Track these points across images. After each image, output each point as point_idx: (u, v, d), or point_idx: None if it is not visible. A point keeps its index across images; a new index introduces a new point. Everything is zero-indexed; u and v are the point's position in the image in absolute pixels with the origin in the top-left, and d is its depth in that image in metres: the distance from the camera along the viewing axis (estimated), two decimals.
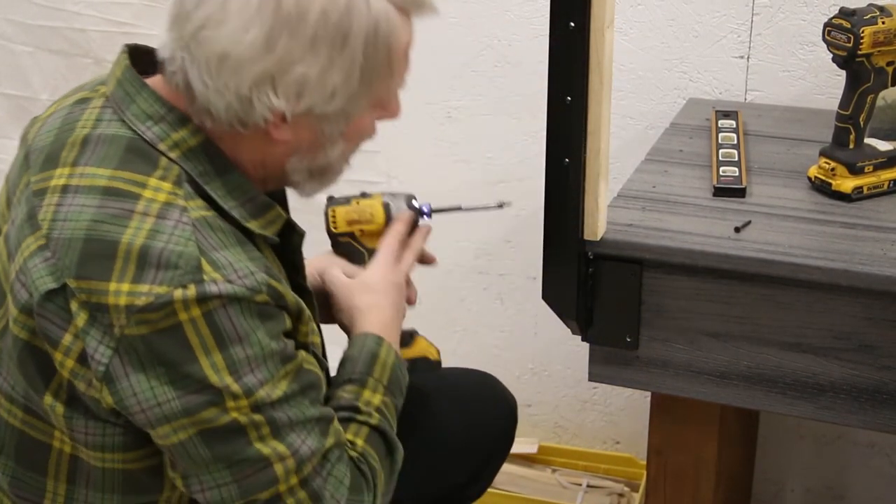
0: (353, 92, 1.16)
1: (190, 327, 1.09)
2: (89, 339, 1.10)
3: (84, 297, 1.10)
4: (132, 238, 1.10)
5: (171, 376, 1.10)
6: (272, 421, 1.15)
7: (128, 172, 1.14)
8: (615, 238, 1.43)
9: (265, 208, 1.22)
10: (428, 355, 1.52)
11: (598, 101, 1.34)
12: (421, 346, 1.52)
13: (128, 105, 1.18)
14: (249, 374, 1.13)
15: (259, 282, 1.13)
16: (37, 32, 2.31)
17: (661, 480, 1.63)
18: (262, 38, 1.10)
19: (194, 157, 1.17)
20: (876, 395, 1.39)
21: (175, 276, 1.09)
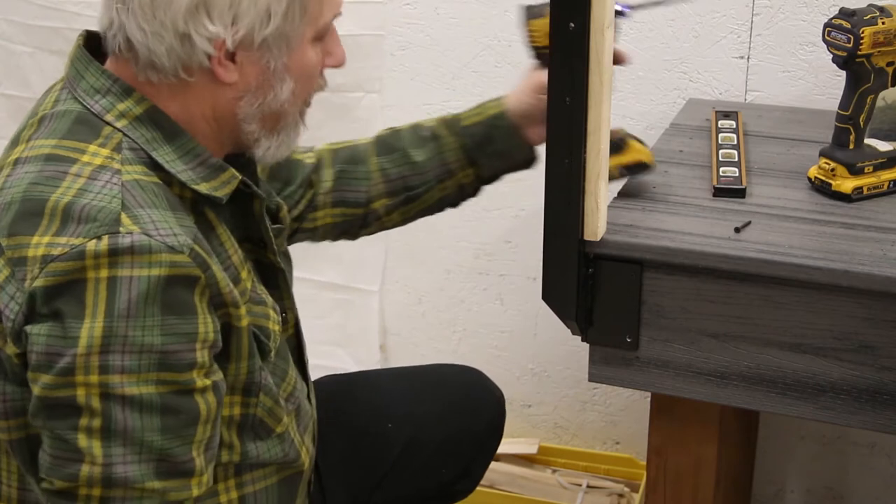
0: (285, 10, 1.16)
1: (91, 286, 1.08)
2: (3, 294, 1.11)
3: (10, 254, 1.11)
4: (60, 196, 1.12)
5: (52, 330, 1.09)
6: (108, 418, 1.10)
7: (71, 141, 1.17)
8: (615, 238, 1.43)
9: (218, 170, 1.22)
10: (643, 158, 1.50)
11: (598, 101, 1.34)
12: (634, 150, 1.50)
13: (78, 82, 1.21)
14: (117, 353, 1.09)
15: (181, 242, 1.11)
16: (37, 33, 2.31)
17: (661, 481, 1.63)
18: None
19: (141, 126, 1.19)
20: (876, 396, 1.39)
21: (92, 227, 1.09)
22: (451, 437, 1.62)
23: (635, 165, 1.50)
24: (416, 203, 1.57)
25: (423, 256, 2.29)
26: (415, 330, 2.36)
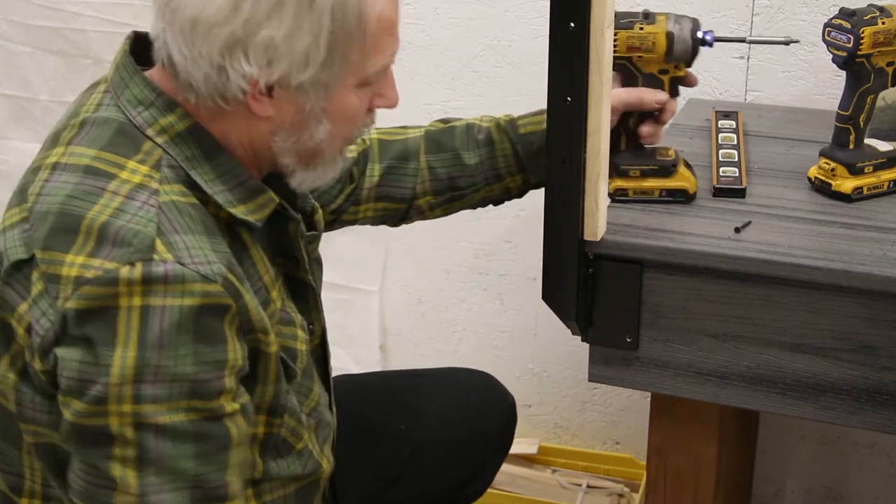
0: (324, 59, 1.14)
1: (124, 315, 1.07)
2: (35, 309, 1.11)
3: (44, 268, 1.11)
4: (97, 214, 1.11)
5: (85, 356, 1.08)
6: (142, 448, 1.10)
7: (111, 154, 1.16)
8: (615, 238, 1.43)
9: (255, 192, 1.21)
10: (687, 187, 1.50)
11: (598, 101, 1.34)
12: (681, 176, 1.51)
13: (122, 90, 1.20)
14: (149, 383, 1.08)
15: (215, 271, 1.10)
16: (37, 33, 2.31)
17: (660, 481, 1.63)
18: (228, 1, 1.10)
19: (182, 142, 1.17)
20: (876, 396, 1.39)
21: (126, 252, 1.09)
22: (463, 440, 1.62)
23: (677, 191, 1.50)
24: (460, 202, 1.56)
25: (423, 256, 2.29)
26: (415, 330, 2.36)
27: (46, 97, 2.35)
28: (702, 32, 1.44)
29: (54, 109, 2.35)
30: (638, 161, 1.50)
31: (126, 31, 2.23)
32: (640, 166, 1.50)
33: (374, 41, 1.17)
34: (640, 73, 1.46)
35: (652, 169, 1.50)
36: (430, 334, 2.36)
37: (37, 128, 2.39)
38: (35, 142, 2.38)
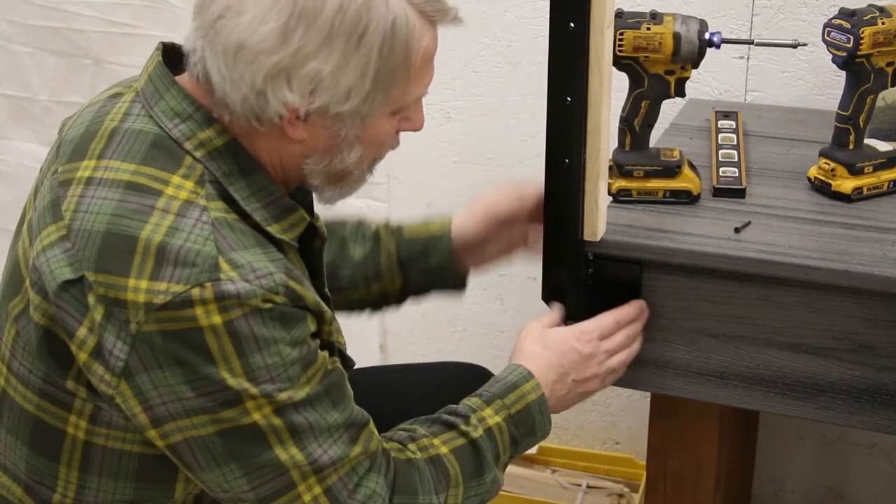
0: (367, 93, 1.15)
1: (210, 334, 1.09)
2: (107, 334, 1.11)
3: (102, 291, 1.10)
4: (151, 234, 1.11)
5: (188, 376, 1.11)
6: (292, 426, 1.15)
7: (151, 169, 1.15)
8: (615, 238, 1.43)
9: (288, 211, 1.21)
10: (691, 188, 1.51)
11: (598, 101, 1.34)
12: (686, 177, 1.51)
13: (156, 101, 1.19)
14: (269, 380, 1.13)
15: (277, 282, 1.13)
16: (36, 33, 2.31)
17: (660, 481, 1.63)
18: (277, 31, 1.10)
19: (219, 157, 1.17)
20: (876, 396, 1.39)
21: (192, 273, 1.09)
22: None
23: (681, 192, 1.50)
24: (335, 294, 1.51)
25: None
26: (415, 330, 2.36)
27: (46, 97, 2.36)
28: (709, 34, 1.44)
29: (54, 109, 2.35)
30: (642, 161, 1.50)
31: (126, 31, 2.25)
32: (644, 167, 1.50)
33: (416, 75, 1.18)
34: (647, 73, 1.46)
35: (656, 170, 1.50)
36: (429, 334, 2.36)
37: (37, 128, 2.39)
38: (35, 142, 2.39)
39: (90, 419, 1.17)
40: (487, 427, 1.31)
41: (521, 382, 1.35)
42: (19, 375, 1.20)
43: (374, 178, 2.34)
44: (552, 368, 1.38)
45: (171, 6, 2.19)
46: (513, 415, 1.33)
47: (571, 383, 1.39)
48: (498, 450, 1.32)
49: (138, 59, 2.27)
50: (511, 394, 1.34)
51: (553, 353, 1.39)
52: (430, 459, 1.27)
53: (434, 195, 2.23)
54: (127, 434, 1.17)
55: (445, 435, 1.30)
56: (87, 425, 1.18)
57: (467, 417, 1.31)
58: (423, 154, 2.20)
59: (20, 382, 1.20)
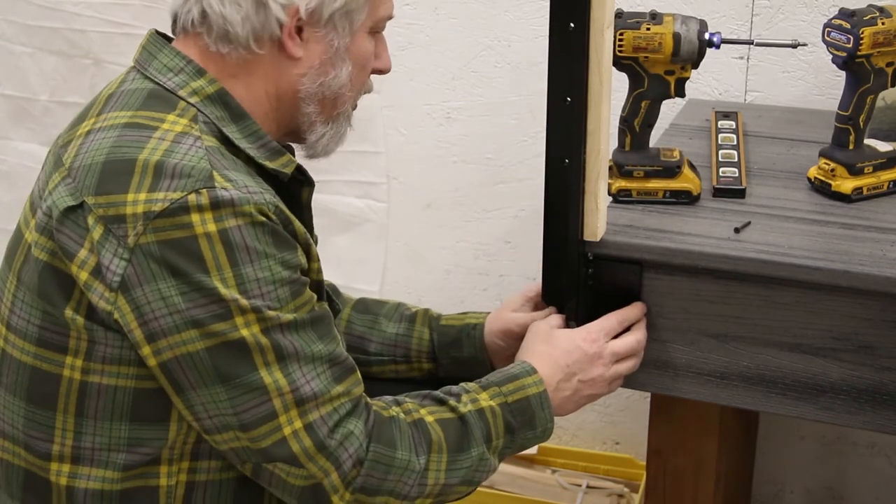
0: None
1: (205, 241, 1.15)
2: (104, 251, 1.16)
3: (101, 212, 1.16)
4: (149, 155, 1.17)
5: (181, 287, 1.15)
6: (278, 347, 1.18)
7: (148, 111, 1.23)
8: (615, 239, 1.43)
9: (277, 153, 1.28)
10: (691, 188, 1.51)
11: (598, 102, 1.34)
12: (685, 177, 1.51)
13: (150, 62, 1.27)
14: (259, 296, 1.17)
15: (267, 200, 1.19)
16: (36, 33, 2.31)
17: (660, 481, 1.63)
18: None
19: (211, 104, 1.24)
20: (876, 396, 1.39)
21: (189, 182, 1.15)
22: None
23: (681, 192, 1.50)
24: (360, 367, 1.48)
25: (423, 256, 2.29)
26: None
27: (46, 97, 2.35)
28: (709, 34, 1.44)
29: (54, 109, 2.35)
30: (642, 162, 1.50)
31: (126, 31, 2.25)
32: (644, 167, 1.50)
33: None
34: (647, 73, 1.46)
35: (656, 170, 1.50)
36: None
37: (36, 128, 2.39)
38: (35, 142, 2.39)
39: (85, 356, 1.20)
40: (479, 407, 1.32)
41: (521, 375, 1.36)
42: (17, 329, 1.24)
43: (374, 178, 2.36)
44: (558, 368, 1.39)
45: None
46: (509, 402, 1.34)
47: (577, 384, 1.40)
48: (489, 431, 1.32)
49: None
50: (510, 384, 1.35)
51: (560, 353, 1.39)
52: (413, 423, 1.28)
53: (434, 195, 2.23)
54: (121, 368, 1.20)
55: (433, 407, 1.31)
56: (83, 363, 1.21)
57: (459, 395, 1.32)
58: (423, 154, 2.20)
59: (18, 336, 1.24)
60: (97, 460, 1.23)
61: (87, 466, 1.23)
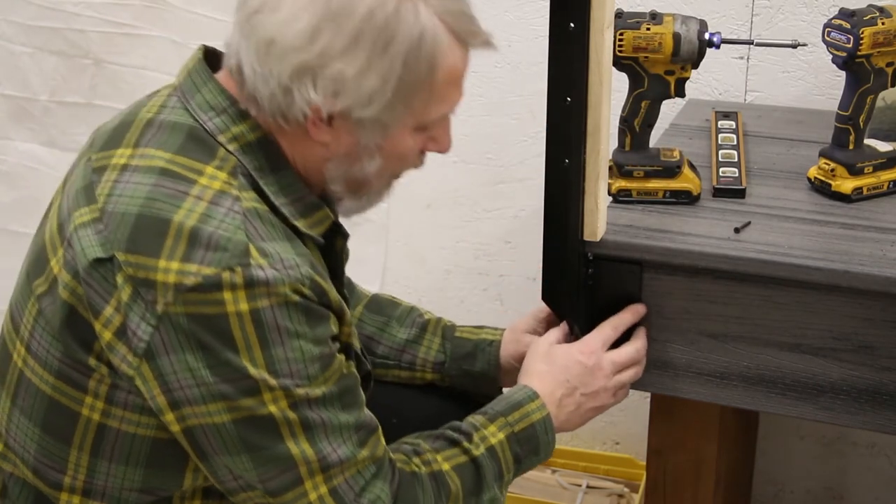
0: (388, 101, 1.16)
1: (235, 320, 1.12)
2: (132, 314, 1.13)
3: (131, 272, 1.12)
4: (184, 218, 1.13)
5: (209, 361, 1.12)
6: (305, 421, 1.17)
7: (186, 159, 1.17)
8: (615, 239, 1.43)
9: (313, 208, 1.24)
10: (690, 188, 1.51)
11: (598, 102, 1.34)
12: (685, 177, 1.51)
13: (193, 94, 1.22)
14: (288, 375, 1.14)
15: (303, 274, 1.15)
16: (36, 33, 2.31)
17: (660, 481, 1.63)
18: (307, 29, 1.12)
19: (251, 152, 1.19)
20: (875, 396, 1.39)
21: (223, 257, 1.11)
22: None
23: (681, 192, 1.50)
24: None
25: (423, 256, 2.29)
26: None
27: (46, 97, 2.35)
28: (709, 34, 1.44)
29: (54, 109, 2.35)
30: (642, 162, 1.50)
31: (126, 31, 2.25)
32: (644, 167, 1.50)
33: (440, 92, 1.19)
34: (647, 73, 1.46)
35: (656, 170, 1.50)
36: None
37: (36, 128, 2.39)
38: (34, 142, 2.39)
39: (106, 399, 1.19)
40: (490, 445, 1.32)
41: (525, 402, 1.36)
42: (37, 356, 1.22)
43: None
44: (559, 385, 1.39)
45: (171, 6, 2.19)
46: (516, 432, 1.34)
47: (581, 398, 1.40)
48: (500, 468, 1.33)
49: (138, 59, 2.30)
50: (515, 412, 1.35)
51: (558, 370, 1.40)
52: (432, 474, 1.28)
53: (434, 195, 2.23)
54: (142, 417, 1.19)
55: (448, 451, 1.31)
56: (104, 406, 1.19)
57: (470, 435, 1.32)
58: None
59: (38, 363, 1.22)
60: (109, 496, 1.22)
61: (97, 501, 1.23)
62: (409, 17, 1.14)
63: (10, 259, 2.45)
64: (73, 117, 2.33)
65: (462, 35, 1.20)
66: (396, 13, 1.13)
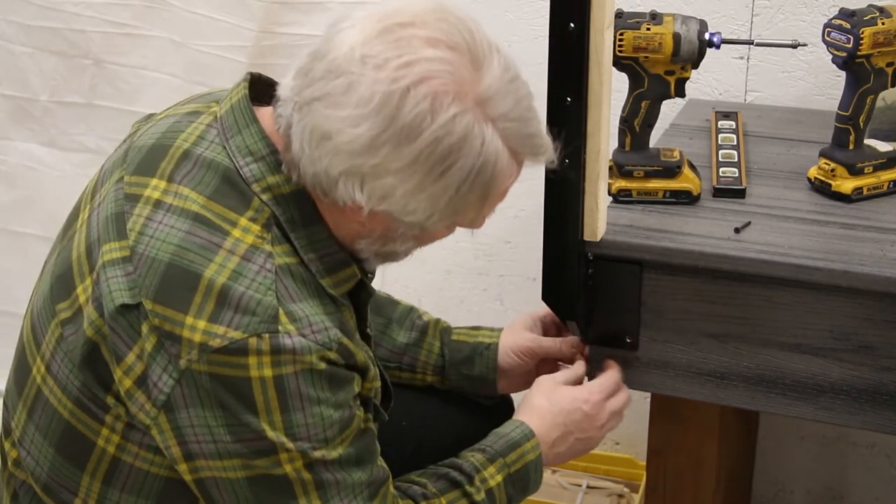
0: (433, 214, 1.14)
1: (258, 385, 1.11)
2: (154, 365, 1.12)
3: (157, 322, 1.11)
4: (215, 275, 1.11)
5: (228, 420, 1.12)
6: (320, 481, 1.17)
7: (220, 206, 1.15)
8: (615, 239, 1.43)
9: (342, 265, 1.21)
10: (691, 188, 1.51)
11: (598, 102, 1.34)
12: (685, 177, 1.51)
13: (233, 134, 1.19)
14: (305, 438, 1.14)
15: (331, 338, 1.14)
16: (36, 33, 2.31)
17: (660, 481, 1.63)
18: (367, 139, 1.09)
19: (284, 203, 1.17)
20: (876, 396, 1.39)
21: (252, 322, 1.10)
22: (463, 438, 1.62)
23: (681, 192, 1.50)
24: None
25: (424, 256, 2.28)
26: None
27: (46, 97, 2.35)
28: (709, 34, 1.44)
29: (54, 110, 2.35)
30: (642, 162, 1.50)
31: (126, 31, 2.25)
32: (644, 167, 1.50)
33: (487, 206, 1.19)
34: (647, 73, 1.46)
35: (656, 170, 1.50)
36: None
37: (36, 128, 2.39)
38: (34, 142, 2.39)
39: (122, 436, 1.18)
40: (489, 488, 1.34)
41: (522, 441, 1.38)
42: (58, 378, 1.21)
43: None
44: (556, 427, 1.41)
45: (171, 6, 2.19)
46: (511, 474, 1.36)
47: (573, 441, 1.42)
48: None
49: (138, 59, 2.30)
50: (512, 452, 1.37)
51: (559, 413, 1.41)
52: None
53: None
54: (156, 458, 1.19)
55: (452, 494, 1.32)
56: (119, 440, 1.19)
57: (472, 478, 1.33)
58: None
59: (57, 385, 1.21)
60: None
61: None
62: (474, 145, 1.10)
63: (10, 259, 2.47)
64: (73, 117, 2.33)
65: (524, 157, 1.17)
66: (462, 141, 1.10)
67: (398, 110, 1.08)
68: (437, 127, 1.08)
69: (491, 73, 1.12)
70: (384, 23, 1.10)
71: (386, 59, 1.08)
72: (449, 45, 1.10)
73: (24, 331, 1.28)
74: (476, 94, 1.10)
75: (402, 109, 1.07)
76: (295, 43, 2.12)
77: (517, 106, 1.13)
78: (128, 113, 2.27)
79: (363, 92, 1.08)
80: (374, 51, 1.08)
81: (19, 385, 1.26)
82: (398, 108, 1.07)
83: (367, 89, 1.08)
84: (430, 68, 1.08)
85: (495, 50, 1.14)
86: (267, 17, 2.11)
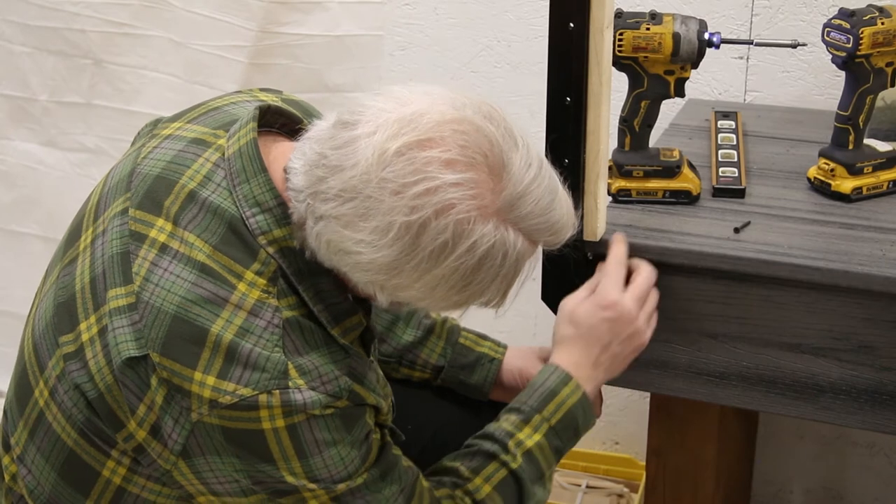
0: (444, 306, 1.15)
1: (272, 436, 1.11)
2: (166, 416, 1.12)
3: (166, 375, 1.11)
4: (222, 331, 1.11)
5: (246, 467, 1.13)
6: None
7: (227, 258, 1.14)
8: None
9: (348, 313, 1.19)
10: (690, 188, 1.50)
11: (598, 102, 1.34)
12: (685, 177, 1.51)
13: (241, 182, 1.16)
14: (328, 477, 1.15)
15: (342, 387, 1.14)
16: (36, 33, 2.31)
17: (660, 481, 1.63)
18: (387, 263, 1.08)
19: (291, 255, 1.15)
20: (875, 396, 1.39)
21: (262, 379, 1.10)
22: (469, 436, 1.63)
23: (681, 192, 1.50)
24: None
25: None
26: None
27: (46, 97, 2.35)
28: (708, 34, 1.44)
29: (53, 109, 2.35)
30: (642, 161, 1.50)
31: (125, 31, 2.25)
32: (643, 167, 1.50)
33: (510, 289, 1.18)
34: (646, 73, 1.46)
35: (656, 170, 1.50)
36: None
37: (36, 128, 2.39)
38: (34, 142, 2.39)
39: (129, 468, 1.18)
40: (526, 450, 1.31)
41: (559, 388, 1.34)
42: (61, 407, 1.19)
43: None
44: (590, 347, 1.35)
45: (171, 6, 2.19)
46: (554, 425, 1.33)
47: (617, 347, 1.36)
48: (540, 469, 1.32)
49: (138, 59, 2.29)
50: (550, 403, 1.33)
51: (587, 332, 1.36)
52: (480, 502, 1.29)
53: None
54: (164, 489, 1.18)
55: (487, 469, 1.30)
56: (126, 472, 1.18)
57: (505, 444, 1.31)
58: None
59: (61, 413, 1.19)
60: None
61: None
62: (499, 255, 1.09)
63: (10, 259, 2.47)
64: (73, 117, 2.33)
65: (541, 243, 1.16)
66: (486, 255, 1.09)
67: (418, 238, 1.06)
68: (461, 252, 1.07)
69: (512, 178, 1.09)
70: (401, 139, 1.06)
71: (404, 184, 1.05)
72: (468, 163, 1.07)
73: (26, 348, 1.26)
74: (497, 207, 1.08)
75: (423, 238, 1.06)
76: (295, 43, 2.13)
77: (538, 203, 1.11)
78: (127, 113, 2.27)
79: (381, 220, 1.06)
80: (391, 174, 1.05)
81: (21, 402, 1.24)
82: (418, 237, 1.06)
83: (384, 218, 1.06)
84: (450, 197, 1.06)
85: (513, 144, 1.11)
86: (267, 17, 2.11)
